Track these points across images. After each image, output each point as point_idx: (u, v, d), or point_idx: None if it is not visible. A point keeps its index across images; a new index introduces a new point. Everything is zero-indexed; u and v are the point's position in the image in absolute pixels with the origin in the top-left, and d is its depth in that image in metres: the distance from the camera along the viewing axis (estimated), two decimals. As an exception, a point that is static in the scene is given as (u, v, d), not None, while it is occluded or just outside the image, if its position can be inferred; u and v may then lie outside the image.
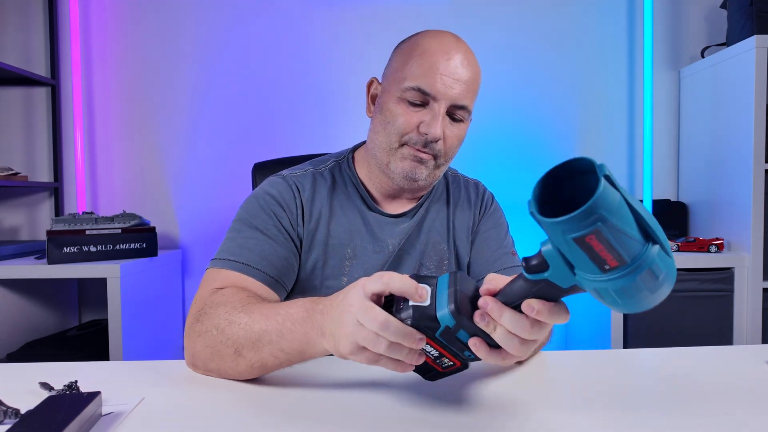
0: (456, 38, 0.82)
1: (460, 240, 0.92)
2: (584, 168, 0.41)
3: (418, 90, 0.78)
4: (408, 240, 0.89)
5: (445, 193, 0.95)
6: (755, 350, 0.78)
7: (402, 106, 0.80)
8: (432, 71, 0.77)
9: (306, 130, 1.99)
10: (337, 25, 1.97)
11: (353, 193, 0.90)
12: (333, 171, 0.91)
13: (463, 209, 0.94)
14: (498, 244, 0.93)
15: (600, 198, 0.36)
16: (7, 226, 1.99)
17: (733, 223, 1.73)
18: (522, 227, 2.00)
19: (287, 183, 0.86)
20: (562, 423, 0.53)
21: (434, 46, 0.79)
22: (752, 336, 1.67)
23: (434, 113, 0.78)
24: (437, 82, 0.77)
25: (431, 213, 0.92)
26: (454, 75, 0.78)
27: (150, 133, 1.99)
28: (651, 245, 0.39)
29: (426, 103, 0.79)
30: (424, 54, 0.79)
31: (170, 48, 1.97)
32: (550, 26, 2.01)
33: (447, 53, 0.79)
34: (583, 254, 0.39)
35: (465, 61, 0.80)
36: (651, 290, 0.40)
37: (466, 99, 0.80)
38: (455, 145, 0.83)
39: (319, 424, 0.53)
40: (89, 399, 0.51)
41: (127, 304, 1.56)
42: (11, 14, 1.95)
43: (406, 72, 0.80)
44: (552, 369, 0.71)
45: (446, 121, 0.80)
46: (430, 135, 0.78)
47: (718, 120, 1.80)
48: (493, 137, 1.99)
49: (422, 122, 0.79)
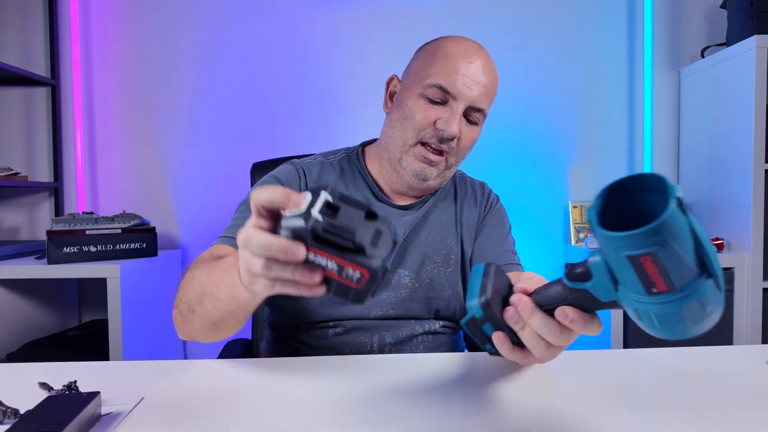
0: (478, 45, 0.86)
1: (467, 236, 0.94)
2: (654, 185, 0.39)
3: (440, 88, 0.81)
4: (413, 232, 0.90)
5: (453, 190, 0.98)
6: (755, 350, 0.78)
7: (421, 103, 0.83)
8: (454, 71, 0.81)
9: (306, 130, 1.99)
10: (337, 25, 1.97)
11: (361, 184, 0.92)
12: (342, 162, 0.94)
13: (469, 206, 0.96)
14: (499, 241, 0.94)
15: (668, 221, 0.35)
16: (7, 226, 1.99)
17: (733, 223, 1.73)
18: (522, 226, 2.01)
19: (295, 168, 0.90)
20: (562, 423, 0.53)
21: (457, 50, 0.83)
22: (752, 336, 1.67)
23: (452, 111, 0.81)
24: (458, 82, 0.81)
25: (438, 208, 0.94)
26: (475, 78, 0.81)
27: (150, 133, 1.99)
28: (705, 277, 0.37)
29: (445, 102, 0.82)
30: (448, 56, 0.82)
31: (170, 48, 1.97)
32: (549, 26, 2.01)
33: (469, 57, 0.82)
34: (632, 272, 0.38)
35: (485, 67, 0.83)
36: (693, 321, 0.39)
37: (483, 102, 0.83)
38: (468, 146, 0.86)
39: (320, 425, 0.53)
40: (89, 399, 0.51)
41: (127, 304, 1.56)
42: (11, 14, 1.95)
43: (428, 71, 0.83)
44: (552, 369, 0.71)
45: (463, 122, 0.83)
46: (447, 132, 0.81)
47: (718, 120, 1.80)
48: (493, 137, 1.99)
49: (440, 119, 0.82)
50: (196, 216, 2.01)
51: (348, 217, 0.44)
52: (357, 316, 0.85)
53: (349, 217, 0.44)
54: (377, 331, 0.85)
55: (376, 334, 0.85)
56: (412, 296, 0.88)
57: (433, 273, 0.90)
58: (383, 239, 0.45)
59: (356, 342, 0.85)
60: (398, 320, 0.87)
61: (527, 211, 2.03)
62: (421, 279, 0.89)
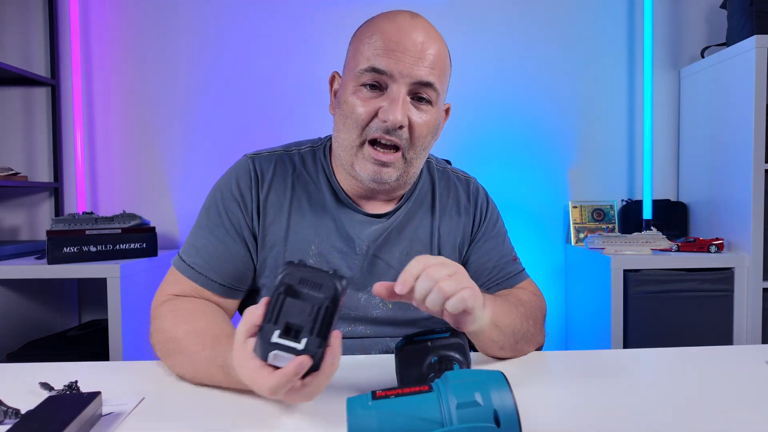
0: (412, 14, 0.74)
1: (444, 250, 0.84)
2: None
3: (372, 70, 0.70)
4: (385, 244, 0.81)
5: (430, 196, 0.86)
6: (755, 350, 0.78)
7: (360, 96, 0.72)
8: (387, 50, 0.70)
9: (304, 131, 1.99)
10: (337, 25, 1.97)
11: (324, 185, 0.81)
12: (305, 156, 0.83)
13: (451, 217, 0.86)
14: (499, 253, 0.87)
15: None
16: (7, 226, 1.99)
17: (733, 223, 1.73)
18: (522, 226, 2.01)
19: (251, 168, 0.81)
20: (562, 423, 0.53)
21: (387, 25, 0.72)
22: (752, 336, 1.67)
23: (392, 96, 0.70)
24: (392, 59, 0.69)
25: (414, 219, 0.84)
26: (412, 51, 0.70)
27: (150, 133, 1.99)
28: None
29: (385, 86, 0.71)
30: (375, 33, 0.72)
31: (170, 48, 1.97)
32: (549, 26, 2.01)
33: (401, 30, 0.71)
34: None
35: (424, 36, 0.71)
36: None
37: (431, 76, 0.71)
38: (424, 133, 0.73)
39: (319, 424, 0.53)
40: (89, 399, 0.51)
41: (127, 304, 1.56)
42: (11, 14, 1.95)
43: (360, 56, 0.72)
44: (552, 369, 0.71)
45: (409, 106, 0.72)
46: (390, 121, 0.69)
47: (718, 120, 1.80)
48: (493, 137, 2.00)
49: (380, 108, 0.70)
50: (196, 216, 1.99)
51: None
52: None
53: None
54: (348, 350, 0.78)
55: (347, 353, 0.77)
56: (384, 317, 0.80)
57: None
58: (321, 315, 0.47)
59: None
60: (370, 339, 0.80)
61: (527, 211, 2.03)
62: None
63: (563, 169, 2.04)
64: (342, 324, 0.80)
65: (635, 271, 1.65)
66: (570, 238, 1.99)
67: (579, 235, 1.97)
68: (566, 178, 2.04)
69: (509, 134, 2.01)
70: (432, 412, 0.40)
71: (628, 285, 1.65)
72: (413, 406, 0.40)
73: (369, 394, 0.42)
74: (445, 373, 0.43)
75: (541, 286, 0.98)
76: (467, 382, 0.41)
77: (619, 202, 2.02)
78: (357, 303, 0.80)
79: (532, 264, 2.00)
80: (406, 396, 0.41)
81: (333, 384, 0.63)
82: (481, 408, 0.39)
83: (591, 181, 2.04)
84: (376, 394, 0.42)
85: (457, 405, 0.39)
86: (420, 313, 0.78)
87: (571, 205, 1.99)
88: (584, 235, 1.96)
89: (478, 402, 0.39)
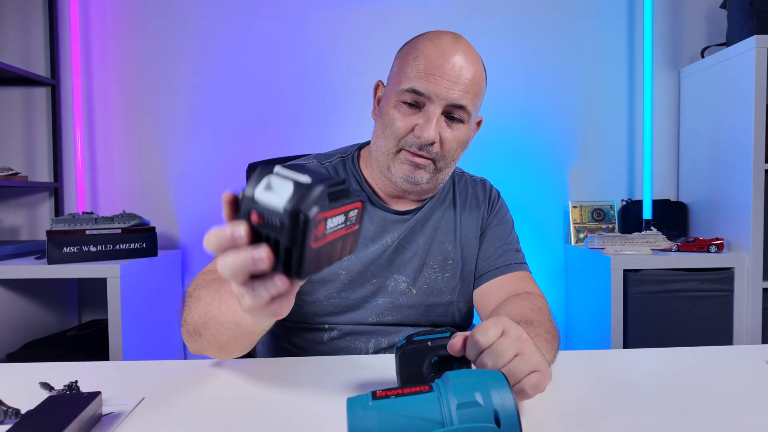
0: (455, 38, 0.81)
1: (467, 240, 0.92)
2: None
3: (413, 91, 0.78)
4: (410, 234, 0.89)
5: (452, 194, 0.95)
6: (755, 350, 0.78)
7: (399, 110, 0.80)
8: (427, 72, 0.77)
9: (303, 131, 1.99)
10: (337, 25, 1.97)
11: None
12: (337, 167, 0.92)
13: (471, 210, 0.94)
14: (502, 240, 0.93)
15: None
16: (7, 226, 1.99)
17: (733, 223, 1.73)
18: (522, 226, 2.01)
19: None
20: (562, 423, 0.53)
21: (430, 48, 0.79)
22: (752, 336, 1.67)
23: (428, 115, 0.78)
24: (431, 83, 0.77)
25: (437, 213, 0.92)
26: (450, 75, 0.77)
27: (150, 133, 1.99)
28: None
29: (422, 105, 0.79)
30: (420, 56, 0.79)
31: (170, 48, 1.97)
32: (550, 26, 2.01)
33: (443, 54, 0.78)
34: None
35: (463, 61, 0.78)
36: None
37: (464, 99, 0.78)
38: (454, 147, 0.82)
39: (319, 424, 0.53)
40: (89, 399, 0.51)
41: (127, 304, 1.56)
42: (11, 14, 1.95)
43: (402, 75, 0.80)
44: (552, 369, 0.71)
45: (443, 124, 0.80)
46: (423, 138, 0.78)
47: (718, 120, 1.80)
48: (493, 137, 1.99)
49: (417, 125, 0.79)
50: (196, 216, 2.01)
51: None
52: (353, 321, 0.85)
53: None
54: (373, 336, 0.85)
55: (372, 339, 0.85)
56: (408, 303, 0.87)
57: (431, 279, 0.88)
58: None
59: (352, 347, 0.84)
60: (394, 326, 0.86)
61: (527, 211, 2.03)
62: (418, 285, 0.88)
63: (563, 169, 2.04)
64: (368, 311, 0.86)
65: (635, 271, 1.65)
66: (570, 238, 1.99)
67: (579, 235, 1.97)
68: (566, 178, 2.04)
69: (509, 134, 2.01)
70: (432, 412, 0.40)
71: (628, 285, 1.65)
72: (413, 406, 0.40)
73: (369, 394, 0.42)
74: (446, 373, 0.43)
75: (542, 285, 0.99)
76: (467, 382, 0.41)
77: (619, 202, 2.02)
78: (384, 288, 0.86)
79: (533, 264, 1.98)
80: (406, 396, 0.41)
81: (333, 384, 0.63)
82: (482, 408, 0.39)
83: (591, 181, 2.04)
84: (377, 394, 0.42)
85: (458, 405, 0.39)
86: (441, 297, 0.88)
87: (571, 205, 1.99)
88: (584, 235, 1.96)
89: (478, 402, 0.39)
